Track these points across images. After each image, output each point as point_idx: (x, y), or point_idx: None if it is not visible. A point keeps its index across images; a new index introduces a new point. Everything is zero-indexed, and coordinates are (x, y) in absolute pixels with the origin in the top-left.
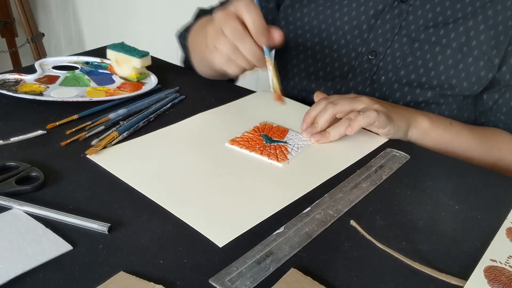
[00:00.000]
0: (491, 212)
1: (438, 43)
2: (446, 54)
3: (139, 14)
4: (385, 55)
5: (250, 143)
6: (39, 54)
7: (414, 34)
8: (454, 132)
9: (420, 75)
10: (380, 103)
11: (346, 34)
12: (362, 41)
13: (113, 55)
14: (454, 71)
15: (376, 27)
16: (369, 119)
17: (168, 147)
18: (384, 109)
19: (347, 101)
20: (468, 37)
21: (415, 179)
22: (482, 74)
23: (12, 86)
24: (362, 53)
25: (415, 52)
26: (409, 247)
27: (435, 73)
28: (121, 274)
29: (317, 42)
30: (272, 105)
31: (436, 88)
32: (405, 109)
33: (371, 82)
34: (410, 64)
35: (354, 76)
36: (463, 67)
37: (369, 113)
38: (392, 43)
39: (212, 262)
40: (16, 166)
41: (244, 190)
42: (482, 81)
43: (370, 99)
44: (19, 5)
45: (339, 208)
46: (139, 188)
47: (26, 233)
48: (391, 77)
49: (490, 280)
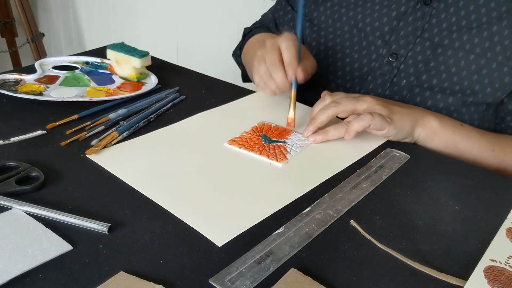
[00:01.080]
0: (491, 212)
1: (462, 49)
2: (469, 59)
3: (139, 14)
4: (406, 57)
5: (249, 143)
6: (39, 54)
7: (437, 38)
8: (465, 133)
9: (442, 80)
10: (383, 104)
11: (368, 36)
12: (383, 43)
13: (113, 55)
14: (477, 77)
15: (398, 29)
16: (363, 122)
17: (168, 147)
18: (385, 110)
19: (350, 101)
20: (492, 42)
21: (415, 179)
22: (507, 80)
23: (12, 86)
24: (383, 55)
25: (438, 57)
26: (409, 247)
27: (458, 78)
28: (121, 274)
29: (338, 43)
30: (272, 105)
31: (458, 94)
32: (413, 108)
33: (391, 85)
34: (433, 69)
35: (374, 78)
36: (487, 72)
37: (363, 117)
38: (414, 46)
39: (212, 262)
40: (16, 166)
41: (244, 190)
42: (506, 87)
43: (374, 98)
44: (19, 5)
45: (339, 208)
46: (139, 188)
47: (26, 233)
48: (413, 81)
49: (490, 280)
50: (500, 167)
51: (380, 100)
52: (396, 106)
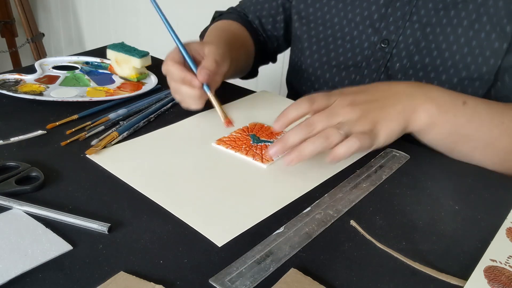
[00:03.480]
0: (491, 212)
1: (449, 24)
2: (457, 33)
3: (139, 14)
4: (397, 42)
5: (236, 142)
6: (39, 54)
7: (425, 19)
8: (469, 112)
9: (434, 57)
10: (361, 113)
11: (359, 25)
12: (374, 31)
13: (113, 55)
14: (467, 49)
15: (387, 15)
16: (351, 150)
17: (168, 147)
18: (366, 123)
19: (324, 120)
20: (478, 13)
21: (415, 179)
22: (496, 45)
23: (12, 86)
24: (374, 42)
25: (427, 36)
26: (409, 247)
27: (449, 53)
28: (121, 274)
29: (329, 34)
30: (271, 105)
31: (451, 69)
32: (403, 100)
33: (385, 70)
34: (424, 49)
35: (368, 64)
36: (477, 43)
37: (352, 144)
38: (404, 30)
39: (212, 262)
40: (16, 166)
41: (244, 190)
42: (498, 53)
43: (349, 107)
44: (19, 5)
45: (339, 208)
46: (139, 188)
47: (26, 233)
48: (406, 64)
49: (490, 280)
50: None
51: (356, 107)
52: (381, 106)
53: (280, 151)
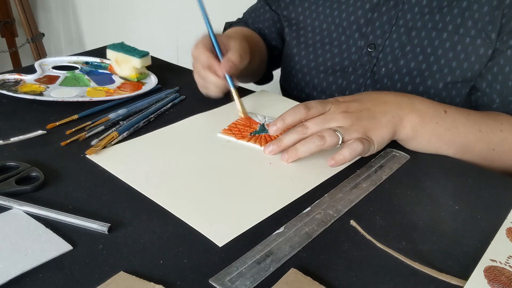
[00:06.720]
0: (491, 212)
1: (435, 28)
2: (442, 37)
3: (139, 14)
4: (384, 46)
5: (241, 131)
6: (39, 54)
7: (411, 23)
8: (450, 120)
9: (420, 62)
10: (354, 121)
11: (346, 30)
12: (360, 35)
13: (113, 55)
14: (452, 54)
15: (373, 20)
16: (356, 152)
17: (168, 147)
18: (360, 129)
19: (319, 124)
20: (463, 18)
21: (415, 179)
22: (481, 51)
23: (12, 86)
24: (361, 47)
25: (413, 40)
26: (409, 247)
27: (434, 58)
28: (121, 274)
29: (318, 40)
30: (271, 105)
31: (436, 74)
32: (393, 109)
33: (371, 74)
34: (409, 53)
35: (355, 69)
36: (462, 48)
37: (355, 146)
38: (390, 34)
39: (212, 262)
40: (16, 166)
41: (244, 190)
42: (483, 59)
43: (342, 116)
44: (19, 5)
45: (339, 208)
46: (139, 188)
47: (26, 233)
48: (391, 68)
49: (490, 280)
50: (488, 152)
51: (349, 115)
52: (372, 116)
53: (275, 151)
